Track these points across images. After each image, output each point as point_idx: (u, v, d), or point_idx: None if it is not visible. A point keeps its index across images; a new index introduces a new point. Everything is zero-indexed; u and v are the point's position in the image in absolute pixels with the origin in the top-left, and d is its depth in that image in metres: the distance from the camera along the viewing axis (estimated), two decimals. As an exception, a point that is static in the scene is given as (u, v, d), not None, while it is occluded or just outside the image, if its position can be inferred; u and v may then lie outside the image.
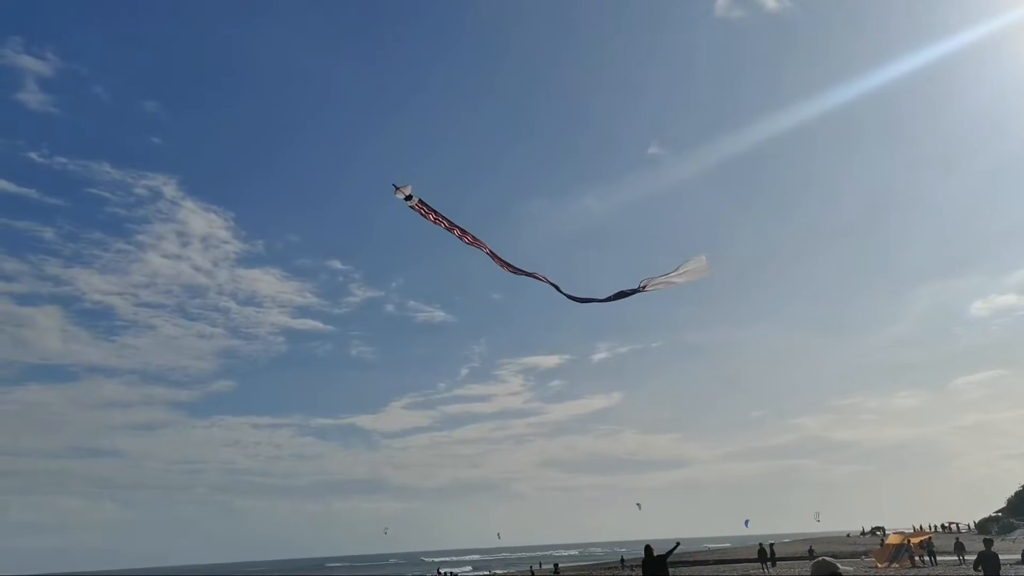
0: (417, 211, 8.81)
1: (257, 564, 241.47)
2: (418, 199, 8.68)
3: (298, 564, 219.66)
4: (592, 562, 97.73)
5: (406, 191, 8.85)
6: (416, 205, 8.75)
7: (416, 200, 8.71)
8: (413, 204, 8.76)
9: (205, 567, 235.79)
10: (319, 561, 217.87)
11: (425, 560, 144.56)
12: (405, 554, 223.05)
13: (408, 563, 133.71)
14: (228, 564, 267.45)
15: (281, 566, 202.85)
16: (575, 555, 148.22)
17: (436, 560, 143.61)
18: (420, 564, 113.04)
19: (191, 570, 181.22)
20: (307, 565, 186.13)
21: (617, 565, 74.31)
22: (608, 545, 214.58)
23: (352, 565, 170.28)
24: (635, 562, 76.54)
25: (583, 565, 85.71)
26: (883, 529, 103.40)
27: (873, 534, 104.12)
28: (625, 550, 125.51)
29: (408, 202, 8.88)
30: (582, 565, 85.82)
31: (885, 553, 44.60)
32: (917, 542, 44.82)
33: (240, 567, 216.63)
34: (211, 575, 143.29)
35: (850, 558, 55.88)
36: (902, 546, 44.14)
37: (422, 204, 8.76)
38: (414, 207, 8.76)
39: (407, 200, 8.87)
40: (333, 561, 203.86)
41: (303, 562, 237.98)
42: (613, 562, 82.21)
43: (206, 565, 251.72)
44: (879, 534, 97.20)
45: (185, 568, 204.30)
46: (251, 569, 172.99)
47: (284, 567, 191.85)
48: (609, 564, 79.69)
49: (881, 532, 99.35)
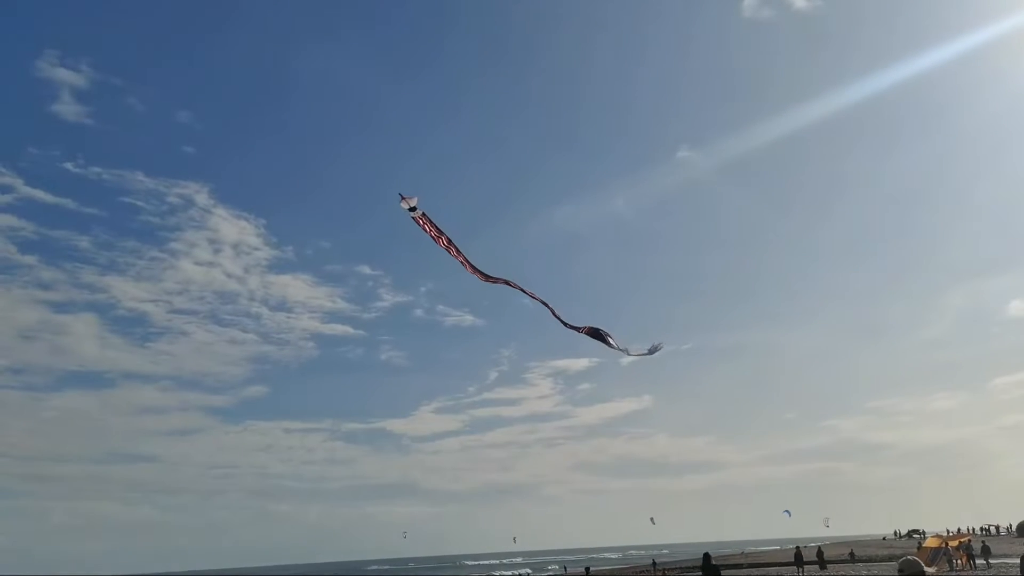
0: (418, 223, 8.86)
1: (295, 567, 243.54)
2: (422, 212, 8.75)
3: (338, 567, 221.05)
4: (624, 565, 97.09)
5: (412, 202, 8.93)
6: (419, 217, 8.81)
7: (420, 212, 8.78)
8: (416, 216, 8.82)
9: (248, 569, 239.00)
10: (359, 564, 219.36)
11: (467, 563, 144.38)
12: (444, 557, 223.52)
13: (450, 566, 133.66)
14: (264, 567, 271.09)
15: (321, 568, 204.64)
16: (609, 558, 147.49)
17: (483, 563, 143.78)
18: (462, 568, 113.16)
19: (232, 572, 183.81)
20: (347, 568, 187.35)
21: (649, 569, 73.76)
22: (640, 548, 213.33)
23: (394, 568, 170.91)
24: (667, 565, 76.05)
25: (615, 569, 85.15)
26: (920, 532, 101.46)
27: (910, 537, 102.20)
28: (657, 553, 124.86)
29: (412, 213, 8.94)
30: (614, 569, 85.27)
31: (923, 556, 43.75)
32: (955, 545, 43.89)
33: (277, 570, 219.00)
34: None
35: (887, 561, 54.89)
36: (940, 549, 43.30)
37: (425, 217, 8.83)
38: (416, 219, 8.82)
39: (411, 211, 8.92)
40: (372, 564, 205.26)
41: (343, 565, 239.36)
42: (645, 565, 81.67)
43: (250, 568, 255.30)
44: (916, 537, 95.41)
45: (226, 571, 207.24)
46: (292, 572, 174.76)
47: (324, 570, 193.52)
48: (641, 567, 79.06)
49: (919, 535, 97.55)
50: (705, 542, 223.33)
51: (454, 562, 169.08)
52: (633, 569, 78.78)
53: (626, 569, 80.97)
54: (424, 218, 9.16)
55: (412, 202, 8.89)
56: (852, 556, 62.46)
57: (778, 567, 57.46)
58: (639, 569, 77.72)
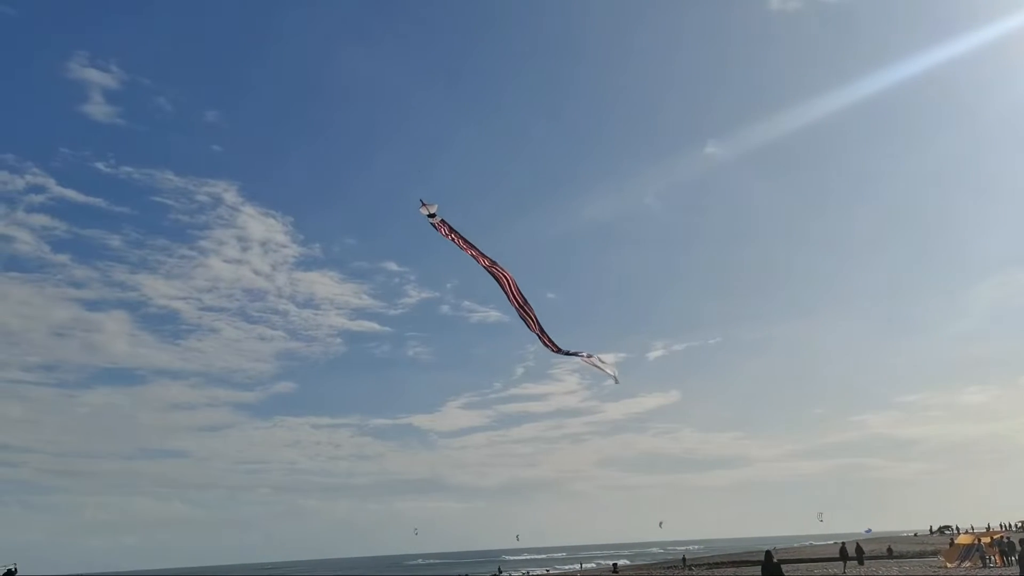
0: (437, 228, 9.10)
1: (330, 562, 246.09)
2: (441, 218, 8.99)
3: (376, 562, 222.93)
4: (652, 561, 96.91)
5: (432, 209, 9.16)
6: (438, 223, 9.06)
7: (439, 219, 9.02)
8: (435, 222, 9.07)
9: (282, 564, 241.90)
10: (397, 559, 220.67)
11: (508, 558, 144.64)
12: (480, 552, 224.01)
13: (489, 560, 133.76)
14: (301, 562, 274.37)
15: (358, 564, 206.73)
16: (636, 554, 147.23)
17: (520, 559, 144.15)
18: (506, 563, 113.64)
19: (261, 569, 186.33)
20: (385, 563, 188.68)
21: (679, 564, 73.57)
22: (668, 545, 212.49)
23: (431, 563, 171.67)
24: (695, 562, 75.85)
25: (643, 564, 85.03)
26: (952, 528, 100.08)
27: (941, 533, 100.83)
28: (687, 549, 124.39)
29: (431, 219, 9.18)
30: (642, 564, 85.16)
31: (955, 553, 43.30)
32: (988, 541, 43.31)
33: (306, 566, 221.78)
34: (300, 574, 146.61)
35: (918, 558, 54.30)
36: (972, 545, 42.78)
37: (444, 224, 9.07)
38: (435, 224, 9.06)
39: (430, 217, 9.17)
40: (412, 559, 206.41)
41: (380, 560, 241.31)
42: (675, 561, 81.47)
43: (285, 563, 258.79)
44: (947, 533, 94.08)
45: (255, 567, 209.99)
46: (329, 567, 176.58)
47: (361, 564, 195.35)
48: (670, 563, 78.83)
49: (950, 531, 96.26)
50: (731, 539, 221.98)
51: (496, 556, 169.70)
52: (663, 565, 78.61)
53: (655, 564, 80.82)
54: (443, 224, 9.39)
55: (432, 208, 9.12)
56: (890, 552, 61.73)
57: (823, 563, 56.72)
58: (669, 564, 77.57)
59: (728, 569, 54.82)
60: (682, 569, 68.05)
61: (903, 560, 54.15)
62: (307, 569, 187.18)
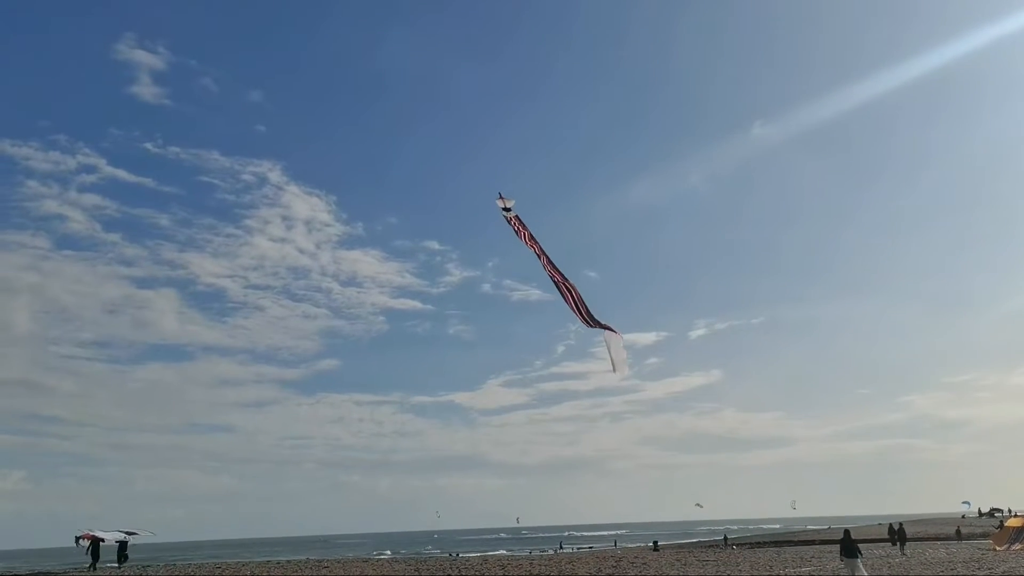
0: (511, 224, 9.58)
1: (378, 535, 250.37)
2: (515, 215, 9.46)
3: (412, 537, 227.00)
4: (694, 540, 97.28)
5: (509, 203, 9.63)
6: (513, 220, 9.53)
7: (514, 215, 9.49)
8: (510, 217, 9.55)
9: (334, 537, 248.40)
10: (449, 534, 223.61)
11: (563, 535, 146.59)
12: (533, 528, 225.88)
13: (544, 538, 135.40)
14: (349, 535, 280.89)
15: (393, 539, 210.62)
16: (675, 533, 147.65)
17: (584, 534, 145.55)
18: (571, 539, 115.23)
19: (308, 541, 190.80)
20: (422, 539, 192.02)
21: (720, 543, 73.77)
22: (709, 523, 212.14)
23: (482, 538, 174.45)
24: (737, 540, 76.07)
25: (684, 543, 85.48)
26: (1001, 510, 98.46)
27: (991, 515, 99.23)
28: (725, 529, 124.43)
29: (506, 213, 9.67)
30: (683, 543, 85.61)
31: (1004, 536, 42.82)
32: (1039, 525, 42.71)
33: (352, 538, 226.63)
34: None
35: (966, 540, 53.79)
36: (1023, 529, 42.26)
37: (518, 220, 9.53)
38: (509, 220, 9.54)
39: (506, 211, 9.65)
40: (456, 535, 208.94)
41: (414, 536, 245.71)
42: (716, 539, 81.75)
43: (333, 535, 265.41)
44: (997, 515, 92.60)
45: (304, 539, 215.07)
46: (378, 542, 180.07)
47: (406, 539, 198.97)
48: (711, 542, 79.17)
49: (1000, 514, 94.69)
50: (775, 517, 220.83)
51: (561, 532, 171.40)
52: (704, 544, 78.93)
53: (697, 544, 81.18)
54: (518, 222, 9.88)
55: (509, 203, 9.59)
56: (958, 534, 60.77)
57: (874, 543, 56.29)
58: (710, 543, 77.85)
59: (770, 548, 54.86)
60: (724, 548, 68.32)
61: (950, 542, 53.70)
62: (360, 541, 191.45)
